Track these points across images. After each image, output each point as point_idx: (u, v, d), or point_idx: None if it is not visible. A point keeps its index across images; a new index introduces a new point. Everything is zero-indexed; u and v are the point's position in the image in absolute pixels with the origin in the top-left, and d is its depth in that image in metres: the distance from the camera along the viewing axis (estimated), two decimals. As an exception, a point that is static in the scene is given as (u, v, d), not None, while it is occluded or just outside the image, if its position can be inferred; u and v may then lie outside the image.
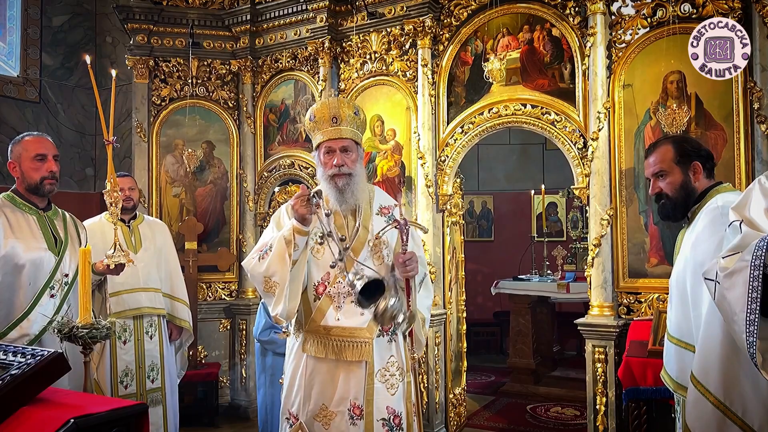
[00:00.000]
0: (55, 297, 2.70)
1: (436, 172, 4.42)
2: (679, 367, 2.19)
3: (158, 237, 3.93)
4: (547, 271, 6.36)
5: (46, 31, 6.67)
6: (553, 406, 5.33)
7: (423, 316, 2.57)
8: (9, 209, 2.72)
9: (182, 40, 5.23)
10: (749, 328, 1.55)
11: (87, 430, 1.43)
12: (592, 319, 3.77)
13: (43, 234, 2.74)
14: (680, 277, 2.18)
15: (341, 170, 2.43)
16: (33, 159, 2.72)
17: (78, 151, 6.90)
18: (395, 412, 2.43)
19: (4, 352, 1.72)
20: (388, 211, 2.59)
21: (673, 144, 2.27)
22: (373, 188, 2.66)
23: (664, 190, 2.25)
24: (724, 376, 1.88)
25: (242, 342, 5.23)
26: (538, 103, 4.07)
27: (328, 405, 2.42)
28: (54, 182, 2.76)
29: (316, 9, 4.76)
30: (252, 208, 5.28)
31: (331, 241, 2.47)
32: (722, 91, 3.53)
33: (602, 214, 3.79)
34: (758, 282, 1.55)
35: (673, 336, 2.23)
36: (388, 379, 2.44)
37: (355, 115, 2.49)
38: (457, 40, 4.38)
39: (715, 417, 1.89)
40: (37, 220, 2.76)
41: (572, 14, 3.97)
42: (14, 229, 2.67)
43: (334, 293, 2.44)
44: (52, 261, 2.72)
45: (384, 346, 2.45)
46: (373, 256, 2.47)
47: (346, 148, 2.46)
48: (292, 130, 5.18)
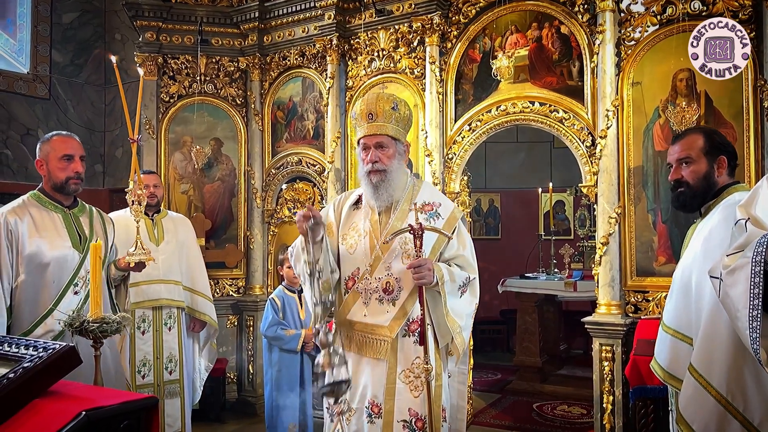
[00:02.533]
0: (79, 293, 2.74)
1: (443, 169, 4.41)
2: (672, 357, 2.18)
3: (181, 232, 4.04)
4: (554, 270, 6.35)
5: (56, 28, 6.72)
6: (560, 405, 5.32)
7: (458, 324, 2.40)
8: (35, 208, 2.77)
9: (191, 37, 5.25)
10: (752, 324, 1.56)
11: (98, 423, 1.44)
12: (599, 317, 3.76)
13: (68, 232, 2.78)
14: (686, 269, 2.18)
15: (374, 167, 2.42)
16: (60, 159, 2.76)
17: (87, 148, 6.89)
18: (418, 415, 2.34)
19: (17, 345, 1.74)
20: (431, 209, 2.48)
21: (705, 134, 2.26)
22: (420, 184, 2.59)
23: (686, 177, 2.23)
24: (729, 371, 1.89)
25: (249, 338, 5.25)
26: (547, 101, 4.06)
27: (351, 401, 2.42)
28: (79, 182, 2.82)
29: (324, 6, 4.76)
30: (259, 205, 5.29)
31: (365, 237, 2.46)
32: (732, 89, 3.51)
33: (610, 212, 3.78)
34: (759, 278, 1.55)
35: (669, 326, 2.22)
36: (412, 381, 2.37)
37: (393, 110, 2.43)
38: (465, 38, 4.37)
39: (716, 411, 1.90)
40: (63, 218, 2.81)
41: (581, 11, 3.95)
42: (39, 228, 2.72)
43: (362, 289, 2.44)
44: (76, 258, 2.76)
45: (410, 347, 2.38)
46: (402, 255, 2.39)
47: (380, 144, 2.43)
48: (300, 128, 5.19)
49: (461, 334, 2.42)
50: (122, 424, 1.50)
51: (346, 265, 2.50)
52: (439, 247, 2.44)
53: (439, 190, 4.36)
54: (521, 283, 6.09)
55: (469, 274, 2.47)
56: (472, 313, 2.51)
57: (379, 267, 2.41)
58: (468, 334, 2.49)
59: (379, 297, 2.40)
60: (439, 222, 2.46)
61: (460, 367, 2.62)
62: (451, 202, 2.60)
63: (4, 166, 6.25)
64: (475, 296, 2.50)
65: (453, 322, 2.38)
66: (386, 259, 2.41)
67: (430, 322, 2.38)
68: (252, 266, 5.28)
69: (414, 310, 2.37)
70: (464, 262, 2.48)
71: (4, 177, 6.22)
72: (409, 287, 2.36)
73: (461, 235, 2.50)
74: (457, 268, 2.45)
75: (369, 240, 2.46)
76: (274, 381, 4.00)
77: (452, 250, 2.47)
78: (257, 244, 5.27)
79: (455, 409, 2.58)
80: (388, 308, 2.38)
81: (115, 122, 7.06)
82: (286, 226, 5.29)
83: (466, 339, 2.47)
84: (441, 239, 2.42)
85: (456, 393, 2.59)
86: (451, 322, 2.37)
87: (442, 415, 2.39)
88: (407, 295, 2.37)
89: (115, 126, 7.06)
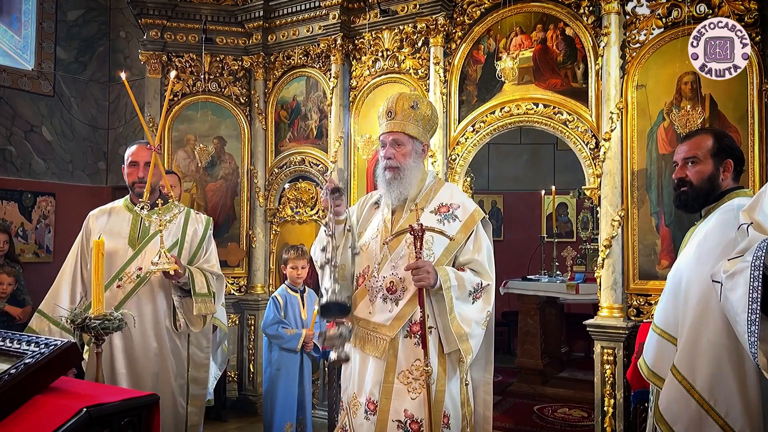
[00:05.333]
0: (122, 287, 2.88)
1: (446, 170, 4.41)
2: (657, 357, 2.19)
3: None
4: (556, 272, 6.34)
5: (61, 25, 6.73)
6: (561, 407, 5.31)
7: (464, 331, 2.31)
8: (117, 209, 3.07)
9: (195, 35, 5.25)
10: (750, 328, 1.56)
11: (99, 420, 1.44)
12: (601, 320, 3.76)
13: (130, 229, 2.98)
14: (679, 271, 2.18)
15: (388, 163, 2.43)
16: (128, 165, 3.01)
17: (90, 145, 6.95)
18: (413, 417, 2.31)
19: (18, 341, 1.74)
20: (448, 210, 2.45)
21: (714, 136, 2.25)
22: (441, 184, 2.57)
23: (690, 176, 2.22)
24: (713, 375, 1.89)
25: (251, 337, 5.25)
26: (551, 103, 4.05)
27: (359, 395, 2.45)
28: (143, 185, 2.95)
29: (328, 6, 4.76)
30: (262, 204, 5.29)
31: (377, 235, 2.47)
32: (737, 92, 3.50)
33: (613, 215, 3.77)
34: (758, 282, 1.56)
35: (658, 326, 2.23)
36: (410, 382, 2.34)
37: (412, 108, 2.43)
38: (469, 39, 4.37)
39: (698, 414, 1.90)
40: (132, 218, 3.02)
41: (586, 14, 3.94)
42: (110, 225, 3.00)
43: (369, 287, 2.44)
44: (127, 255, 2.92)
45: (411, 348, 2.35)
46: (408, 255, 2.36)
47: (396, 141, 2.44)
48: (303, 127, 5.19)
49: (468, 341, 2.32)
50: (123, 421, 1.50)
51: (359, 262, 2.50)
52: (453, 250, 2.40)
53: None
54: (523, 285, 6.08)
55: (483, 279, 2.40)
56: (483, 321, 2.39)
57: (386, 266, 2.41)
58: (477, 343, 2.37)
59: (383, 296, 2.40)
60: (454, 224, 2.42)
61: (486, 377, 2.56)
62: (473, 204, 2.54)
63: (8, 162, 6.26)
64: (489, 303, 2.41)
65: (459, 328, 2.31)
66: (392, 259, 2.40)
67: (433, 325, 2.35)
68: (254, 265, 5.28)
69: (416, 312, 2.34)
70: (479, 267, 2.41)
71: (8, 173, 6.23)
72: (413, 289, 2.33)
73: (478, 240, 2.44)
74: (470, 273, 2.39)
75: (380, 238, 2.46)
76: (273, 380, 4.00)
77: (467, 254, 2.42)
78: (259, 243, 5.28)
79: (481, 418, 2.52)
80: (391, 307, 2.37)
81: (119, 119, 7.07)
82: (289, 226, 5.29)
83: (474, 347, 2.36)
84: (454, 242, 2.39)
85: (482, 403, 2.54)
86: (456, 328, 2.30)
87: (443, 421, 2.32)
88: (410, 296, 2.35)
89: (119, 123, 7.07)
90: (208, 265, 3.10)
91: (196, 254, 3.08)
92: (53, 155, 6.60)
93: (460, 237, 2.41)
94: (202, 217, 3.21)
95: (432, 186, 2.54)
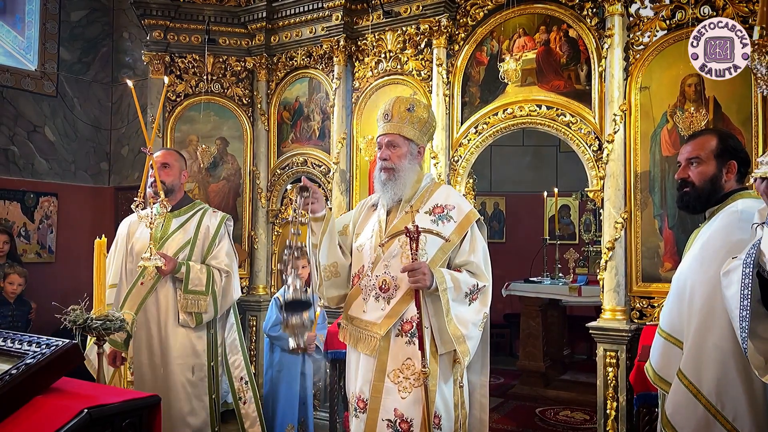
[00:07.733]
0: (145, 284, 3.10)
1: (449, 172, 4.40)
2: (664, 361, 2.17)
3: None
4: (558, 274, 6.32)
5: (64, 25, 6.74)
6: (563, 410, 5.30)
7: (461, 332, 2.31)
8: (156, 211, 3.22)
9: (198, 36, 5.25)
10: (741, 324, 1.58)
11: (100, 421, 1.44)
12: (604, 322, 3.74)
13: (154, 230, 3.08)
14: (683, 273, 2.17)
15: (383, 164, 2.47)
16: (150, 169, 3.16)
17: (93, 146, 6.96)
18: (404, 417, 2.31)
19: (19, 341, 1.74)
20: (442, 211, 2.46)
21: (718, 137, 2.24)
22: (437, 186, 2.58)
23: (692, 177, 2.21)
24: (719, 379, 1.88)
25: (252, 338, 5.24)
26: (554, 105, 4.04)
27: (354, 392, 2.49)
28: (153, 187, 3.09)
29: (331, 7, 4.76)
30: (264, 205, 5.29)
31: (372, 236, 2.51)
32: (741, 94, 3.48)
33: (616, 218, 3.76)
34: (749, 279, 1.57)
35: (664, 330, 2.21)
36: (401, 381, 2.34)
37: (408, 111, 2.46)
38: (472, 40, 4.36)
39: (705, 419, 1.89)
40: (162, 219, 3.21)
41: (590, 15, 3.94)
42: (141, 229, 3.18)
43: (363, 286, 2.47)
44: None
45: (401, 347, 2.36)
46: (401, 255, 2.37)
47: (391, 142, 2.48)
48: (306, 128, 5.19)
49: (465, 343, 2.32)
50: (125, 422, 1.49)
51: (355, 262, 2.54)
52: (448, 251, 2.41)
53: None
54: (525, 287, 6.07)
55: (479, 281, 2.40)
56: (480, 322, 2.39)
57: (379, 265, 2.42)
58: (474, 344, 2.38)
59: (376, 294, 2.42)
60: (449, 225, 2.43)
61: (482, 379, 2.56)
62: (469, 205, 2.54)
63: (11, 162, 6.27)
64: (485, 305, 2.41)
65: (456, 329, 2.30)
66: (385, 258, 2.42)
67: (426, 325, 2.34)
68: (256, 266, 5.28)
69: (408, 310, 2.36)
70: (475, 269, 2.42)
71: (11, 174, 6.24)
72: (405, 288, 2.35)
73: (473, 241, 2.44)
74: (467, 275, 2.39)
75: (375, 238, 2.48)
76: (274, 381, 4.00)
77: (463, 255, 2.43)
78: (261, 244, 5.27)
79: (478, 422, 2.53)
80: (383, 306, 2.39)
81: (121, 120, 7.08)
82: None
83: (472, 349, 2.36)
84: (449, 243, 2.39)
85: (479, 406, 2.54)
86: (453, 330, 2.30)
87: (434, 422, 2.31)
88: (402, 295, 2.37)
89: (121, 124, 7.07)
90: (215, 261, 3.17)
91: (210, 251, 3.20)
92: (56, 155, 6.61)
93: (455, 238, 2.42)
94: (217, 214, 3.29)
95: (428, 187, 2.55)
